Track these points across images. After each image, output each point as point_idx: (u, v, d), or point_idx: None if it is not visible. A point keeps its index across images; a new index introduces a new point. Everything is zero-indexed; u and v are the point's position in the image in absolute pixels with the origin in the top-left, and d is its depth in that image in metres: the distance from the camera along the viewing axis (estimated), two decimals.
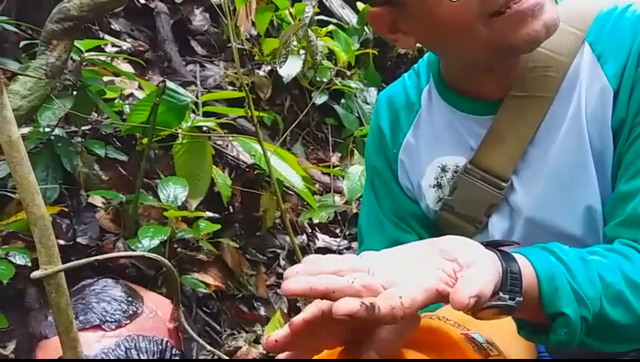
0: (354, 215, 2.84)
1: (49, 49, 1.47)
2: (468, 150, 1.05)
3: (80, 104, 1.92)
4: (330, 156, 3.25)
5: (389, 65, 3.71)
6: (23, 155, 0.80)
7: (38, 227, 0.84)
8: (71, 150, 1.87)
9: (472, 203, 1.04)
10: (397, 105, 1.14)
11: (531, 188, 1.00)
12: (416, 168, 1.11)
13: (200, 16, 3.39)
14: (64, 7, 1.46)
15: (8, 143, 0.79)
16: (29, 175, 0.81)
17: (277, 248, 2.55)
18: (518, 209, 1.01)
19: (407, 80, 1.17)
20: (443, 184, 1.08)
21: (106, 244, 1.85)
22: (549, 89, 0.98)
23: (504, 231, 1.03)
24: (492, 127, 1.02)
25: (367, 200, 1.21)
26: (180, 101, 1.92)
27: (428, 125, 1.10)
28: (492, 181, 1.02)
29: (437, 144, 1.09)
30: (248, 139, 2.30)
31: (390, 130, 1.14)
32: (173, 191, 1.96)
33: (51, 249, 0.85)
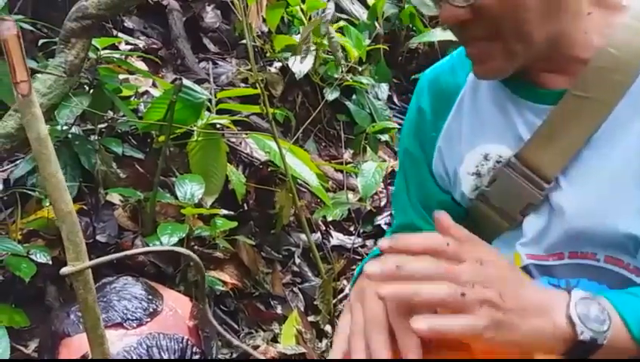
0: (368, 212, 2.84)
1: (68, 47, 1.47)
2: (516, 140, 0.99)
3: (97, 102, 1.92)
4: (343, 153, 3.24)
5: (400, 60, 3.71)
6: (51, 152, 0.80)
7: (66, 224, 0.84)
8: (89, 148, 1.88)
9: (510, 198, 0.99)
10: (442, 85, 1.09)
11: (581, 192, 0.94)
12: (455, 154, 1.06)
13: (211, 13, 3.40)
14: (82, 6, 1.46)
15: (37, 140, 0.79)
16: (57, 172, 0.81)
17: (292, 246, 2.54)
18: (560, 210, 0.95)
19: (457, 58, 1.10)
20: (482, 173, 1.03)
21: (125, 242, 1.85)
22: (614, 93, 0.92)
23: (539, 230, 0.97)
24: (546, 121, 0.96)
25: (397, 181, 1.20)
26: (196, 99, 1.92)
27: (474, 108, 1.05)
28: (534, 180, 0.96)
29: (482, 129, 1.03)
30: (263, 136, 2.30)
31: (432, 112, 1.09)
32: (189, 189, 1.96)
33: (79, 246, 0.85)
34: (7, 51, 0.77)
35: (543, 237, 0.97)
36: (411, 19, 3.45)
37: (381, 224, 2.83)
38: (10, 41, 0.77)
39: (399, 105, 3.65)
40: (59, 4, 2.67)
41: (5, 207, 1.80)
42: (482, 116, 1.03)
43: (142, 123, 2.00)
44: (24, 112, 0.80)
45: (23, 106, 0.80)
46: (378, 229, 2.82)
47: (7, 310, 1.56)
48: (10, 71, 0.78)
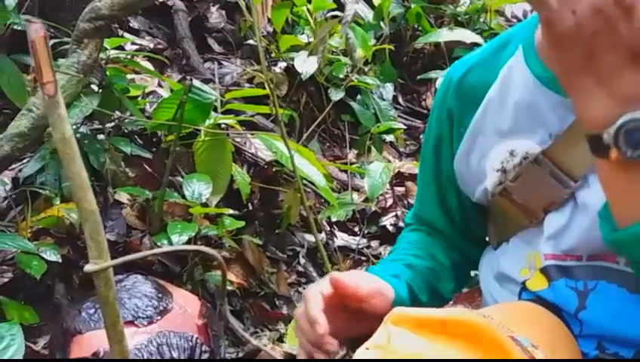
0: (373, 213, 2.85)
1: (80, 47, 1.48)
2: (545, 137, 0.98)
3: (105, 102, 1.93)
4: (347, 153, 3.25)
5: (406, 60, 3.71)
6: (75, 152, 0.82)
7: (89, 222, 0.85)
8: (98, 147, 1.89)
9: (533, 195, 0.98)
10: (471, 80, 1.07)
11: None
12: (481, 149, 1.05)
13: (216, 13, 3.41)
14: (96, 7, 1.47)
15: (62, 140, 0.80)
16: (81, 171, 0.82)
17: (296, 246, 2.55)
18: (585, 208, 0.93)
19: (489, 50, 1.08)
20: (508, 169, 1.01)
21: (133, 241, 1.87)
22: None
23: (560, 226, 0.96)
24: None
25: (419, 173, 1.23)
26: (205, 99, 1.93)
27: (504, 103, 1.02)
28: (561, 178, 0.95)
29: (510, 125, 1.01)
30: (269, 136, 2.31)
31: (459, 108, 1.08)
32: (197, 188, 1.97)
33: (101, 244, 0.86)
34: (34, 52, 0.78)
35: (562, 235, 0.96)
36: (417, 19, 3.45)
37: (386, 225, 2.83)
38: (38, 43, 0.78)
39: (404, 105, 3.66)
40: (66, 5, 2.68)
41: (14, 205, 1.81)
42: (512, 111, 1.01)
43: (151, 123, 2.01)
44: (50, 113, 0.81)
45: (49, 107, 0.81)
46: (383, 230, 2.82)
47: (17, 307, 1.57)
48: (37, 72, 0.79)
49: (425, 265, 1.17)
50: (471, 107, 1.06)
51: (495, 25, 3.51)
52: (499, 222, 1.07)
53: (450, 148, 1.12)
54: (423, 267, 1.16)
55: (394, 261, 1.17)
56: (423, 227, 1.25)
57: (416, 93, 3.66)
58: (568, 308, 0.91)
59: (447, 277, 1.18)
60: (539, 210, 0.98)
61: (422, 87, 3.63)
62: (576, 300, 0.94)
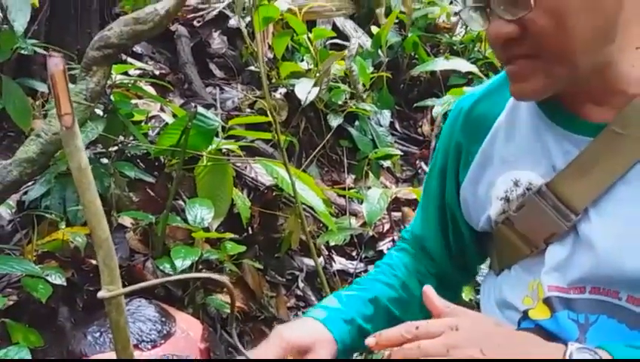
0: (370, 238, 2.88)
1: (89, 75, 1.52)
2: (549, 169, 1.00)
3: (110, 127, 1.97)
4: (345, 178, 3.28)
5: (403, 87, 3.77)
6: (90, 181, 0.85)
7: (102, 249, 0.88)
8: (102, 172, 1.92)
9: (535, 226, 1.01)
10: (478, 112, 1.11)
11: (611, 225, 0.94)
12: (487, 178, 1.08)
13: (218, 39, 3.46)
14: (105, 35, 1.51)
15: (78, 170, 0.83)
16: (96, 199, 0.86)
17: (295, 270, 2.58)
18: (588, 242, 0.95)
19: (496, 83, 1.12)
20: (511, 199, 1.04)
21: (136, 265, 1.89)
22: None
23: (561, 259, 0.98)
24: (583, 153, 0.97)
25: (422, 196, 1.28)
26: (209, 125, 1.97)
27: (510, 135, 1.06)
28: (563, 210, 0.97)
29: (516, 156, 1.04)
30: (270, 161, 2.34)
31: (467, 139, 1.12)
32: (199, 213, 2.00)
33: (114, 270, 0.89)
34: (53, 85, 0.82)
35: (565, 267, 0.97)
36: (414, 48, 3.52)
37: (383, 250, 2.86)
38: (57, 76, 0.81)
39: (401, 131, 3.71)
40: (71, 29, 2.73)
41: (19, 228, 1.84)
42: (518, 142, 1.04)
43: (155, 148, 2.04)
44: (67, 144, 0.84)
45: (66, 138, 0.84)
46: (380, 255, 2.85)
47: (22, 329, 1.59)
48: (56, 104, 0.82)
49: (392, 297, 1.21)
50: (479, 137, 1.09)
51: (490, 54, 3.57)
52: (501, 250, 1.10)
53: (454, 178, 1.15)
54: (389, 300, 1.21)
55: (360, 291, 1.21)
56: (415, 248, 1.28)
57: (413, 119, 3.71)
58: (568, 340, 0.93)
59: (415, 309, 1.20)
60: (540, 240, 1.00)
61: (418, 114, 3.68)
62: (577, 332, 0.95)
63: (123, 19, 1.51)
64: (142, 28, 1.49)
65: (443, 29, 3.85)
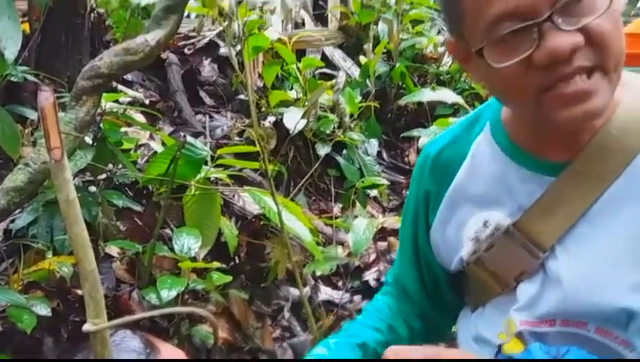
0: (356, 268, 2.88)
1: (79, 104, 1.53)
2: (515, 209, 1.01)
3: (99, 155, 1.97)
4: (332, 207, 3.29)
5: (390, 117, 3.80)
6: (78, 214, 0.85)
7: (89, 281, 0.88)
8: (90, 200, 1.92)
9: (505, 264, 1.02)
10: (445, 157, 1.12)
11: (576, 262, 0.95)
12: (457, 220, 1.09)
13: (208, 67, 3.49)
14: (95, 65, 1.52)
15: (66, 202, 0.84)
16: (83, 232, 0.86)
17: (281, 300, 2.57)
18: (557, 279, 0.97)
19: (460, 128, 1.13)
20: (481, 239, 1.05)
21: (122, 295, 1.88)
22: (612, 172, 0.94)
23: (530, 297, 0.99)
24: (547, 193, 0.98)
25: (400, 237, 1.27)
26: (198, 155, 1.98)
27: (476, 176, 1.07)
28: (531, 248, 0.99)
29: (483, 196, 1.05)
30: (257, 191, 2.35)
31: (436, 185, 1.13)
32: (186, 243, 2.00)
33: (99, 303, 0.89)
34: (43, 118, 0.82)
35: (535, 303, 0.99)
36: (402, 78, 3.55)
37: (369, 280, 2.86)
38: (47, 110, 0.82)
39: (388, 160, 3.73)
40: (61, 56, 2.75)
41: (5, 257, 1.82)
42: (484, 184, 1.06)
43: (144, 177, 2.05)
44: (56, 176, 0.85)
45: (55, 171, 0.85)
46: (365, 285, 2.85)
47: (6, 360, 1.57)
48: (45, 137, 0.83)
49: (380, 340, 1.21)
50: (446, 181, 1.11)
51: (476, 84, 3.61)
52: (474, 289, 1.11)
53: (424, 222, 1.17)
54: (377, 343, 1.21)
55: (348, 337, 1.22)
56: (397, 290, 1.30)
57: (400, 149, 3.74)
58: None
59: None
60: (510, 278, 1.01)
61: (405, 143, 3.70)
62: None
63: (113, 50, 1.52)
64: (132, 58, 1.50)
65: (430, 60, 3.90)
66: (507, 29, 0.86)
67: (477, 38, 0.89)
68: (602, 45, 0.86)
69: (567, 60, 0.85)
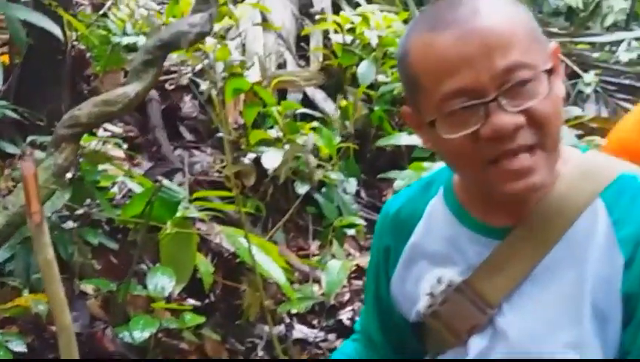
0: (331, 307, 2.91)
1: (58, 151, 1.57)
2: (466, 268, 1.08)
3: (77, 194, 2.01)
4: (310, 244, 3.33)
5: (369, 157, 3.86)
6: (56, 274, 0.90)
7: (64, 336, 0.93)
8: (66, 238, 1.95)
9: (458, 319, 1.09)
10: (403, 215, 1.18)
11: (521, 319, 1.03)
12: (414, 275, 1.15)
13: (189, 103, 3.53)
14: (75, 115, 1.57)
15: (45, 262, 0.89)
16: (60, 292, 0.91)
17: (255, 338, 2.59)
18: (503, 333, 1.04)
19: (417, 190, 1.21)
20: (435, 294, 1.11)
21: (96, 332, 1.90)
22: (552, 237, 1.02)
23: (481, 349, 1.06)
24: (493, 255, 1.06)
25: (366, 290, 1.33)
26: (173, 197, 2.02)
27: (431, 236, 1.13)
28: (480, 305, 1.06)
29: (438, 254, 1.12)
30: (234, 231, 2.38)
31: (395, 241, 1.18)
32: (160, 282, 2.03)
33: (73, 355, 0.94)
34: (25, 186, 0.87)
35: (486, 356, 1.06)
36: (380, 121, 3.63)
37: (343, 319, 2.90)
38: (29, 179, 0.87)
39: (366, 199, 3.77)
40: (41, 90, 2.77)
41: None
42: (437, 243, 1.13)
43: (119, 218, 2.08)
44: (36, 238, 0.89)
45: (35, 234, 0.89)
46: (340, 324, 2.89)
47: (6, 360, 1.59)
48: (26, 203, 0.88)
49: None
50: (404, 238, 1.18)
51: None
52: (431, 340, 1.18)
53: (385, 275, 1.22)
54: None
55: None
56: (364, 338, 1.35)
57: (378, 188, 3.79)
58: None
59: None
60: (463, 332, 1.09)
61: (383, 183, 3.75)
62: None
63: (93, 101, 1.58)
64: (111, 109, 1.55)
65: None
66: (457, 105, 0.94)
67: (430, 110, 0.98)
68: (543, 126, 0.94)
69: (511, 137, 0.93)
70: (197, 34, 1.87)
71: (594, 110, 4.16)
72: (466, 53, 0.94)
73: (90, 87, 3.10)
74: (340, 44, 3.67)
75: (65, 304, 0.91)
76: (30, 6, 2.46)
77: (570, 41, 4.80)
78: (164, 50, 1.88)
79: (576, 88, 4.27)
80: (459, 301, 1.08)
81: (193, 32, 1.83)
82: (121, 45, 3.16)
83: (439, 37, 0.96)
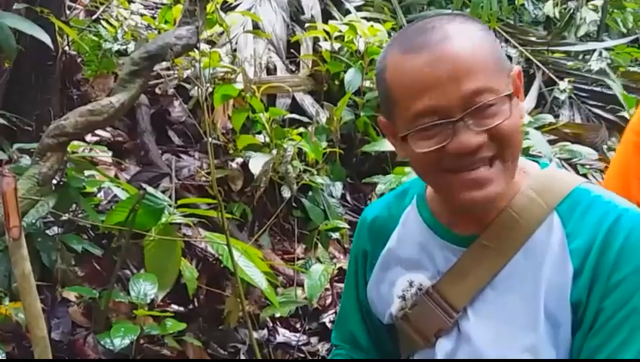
0: (314, 310, 2.95)
1: (43, 160, 1.60)
2: (435, 273, 1.16)
3: (61, 200, 2.03)
4: (296, 247, 3.36)
5: (354, 161, 3.90)
6: (32, 286, 0.93)
7: (39, 347, 0.96)
8: (50, 245, 1.97)
9: (426, 322, 1.16)
10: (379, 222, 1.27)
11: (483, 323, 1.11)
12: (388, 279, 1.23)
13: (178, 108, 3.55)
14: (61, 125, 1.60)
15: (22, 276, 0.92)
16: (36, 302, 0.94)
17: (238, 343, 2.63)
18: (467, 337, 1.12)
19: (393, 198, 1.29)
20: (407, 297, 1.19)
21: (78, 340, 1.93)
22: (512, 246, 1.10)
23: (447, 352, 1.14)
24: (459, 261, 1.14)
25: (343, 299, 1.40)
26: (157, 205, 2.05)
27: (404, 242, 1.22)
28: (446, 309, 1.13)
29: (410, 260, 1.20)
30: (217, 237, 2.41)
31: (372, 245, 1.27)
32: (143, 288, 2.06)
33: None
34: (4, 201, 0.90)
35: (452, 357, 1.13)
36: (365, 127, 3.68)
37: (326, 322, 2.94)
38: (8, 194, 0.90)
39: (352, 203, 3.81)
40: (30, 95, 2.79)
41: None
42: (410, 249, 1.21)
43: (103, 226, 2.11)
44: (14, 252, 0.93)
45: (13, 248, 0.93)
46: (323, 326, 2.93)
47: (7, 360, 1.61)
48: (5, 218, 0.91)
49: None
50: (380, 243, 1.26)
51: None
52: (403, 341, 1.25)
53: (363, 279, 1.30)
54: None
55: None
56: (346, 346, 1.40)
57: (363, 192, 3.83)
58: None
59: None
60: (431, 334, 1.16)
61: (368, 187, 3.79)
62: None
63: (79, 110, 1.61)
64: (96, 119, 1.58)
65: None
66: (428, 123, 1.03)
67: (403, 125, 1.07)
68: (503, 141, 1.04)
69: (474, 152, 1.03)
70: (183, 46, 1.91)
71: (567, 116, 4.28)
72: (436, 76, 1.02)
73: (81, 91, 3.13)
74: (328, 52, 3.71)
75: (40, 316, 0.94)
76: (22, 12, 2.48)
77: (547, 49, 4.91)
78: (151, 61, 1.91)
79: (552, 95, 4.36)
80: (427, 305, 1.16)
81: (180, 45, 1.87)
82: (112, 50, 3.18)
83: (413, 60, 1.04)
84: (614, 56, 4.82)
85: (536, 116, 3.51)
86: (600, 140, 3.89)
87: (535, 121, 3.38)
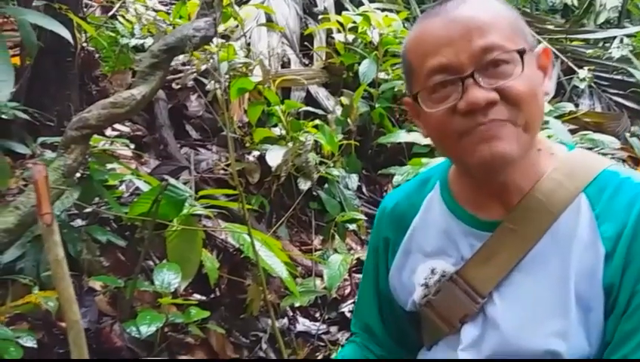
0: (333, 299, 2.99)
1: (67, 152, 1.64)
2: (459, 259, 1.17)
3: (85, 193, 2.08)
4: (313, 239, 3.39)
5: (370, 153, 3.93)
6: (65, 272, 0.96)
7: (73, 330, 0.99)
8: (75, 236, 2.02)
9: (451, 308, 1.16)
10: (400, 209, 1.28)
11: (510, 308, 1.10)
12: (410, 266, 1.24)
13: (195, 102, 3.60)
14: (84, 117, 1.64)
15: (55, 261, 0.95)
16: (69, 287, 0.97)
17: (259, 331, 2.66)
18: (494, 322, 1.11)
19: (414, 185, 1.30)
20: (430, 284, 1.20)
21: (104, 328, 1.98)
22: (538, 230, 1.09)
23: (474, 338, 1.13)
24: (484, 246, 1.13)
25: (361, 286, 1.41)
26: (180, 196, 2.09)
27: (427, 229, 1.22)
28: (472, 294, 1.13)
29: (432, 247, 1.21)
30: (238, 227, 2.45)
31: (394, 233, 1.27)
32: (167, 278, 2.10)
33: (82, 348, 1.00)
34: (36, 189, 0.94)
35: (478, 344, 1.13)
36: (381, 119, 3.69)
37: (345, 311, 2.97)
38: (40, 182, 0.94)
39: (367, 195, 3.84)
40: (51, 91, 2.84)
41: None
42: (432, 236, 1.21)
43: (127, 217, 2.15)
44: (46, 239, 0.96)
45: (46, 234, 0.96)
46: (342, 316, 2.96)
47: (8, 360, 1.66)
48: (37, 205, 0.95)
49: None
50: (402, 231, 1.26)
51: None
52: (426, 329, 1.25)
53: (385, 267, 1.31)
54: None
55: None
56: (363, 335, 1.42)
57: (379, 184, 3.86)
58: None
59: None
60: (456, 320, 1.16)
61: (384, 178, 3.82)
62: None
63: (101, 103, 1.64)
64: (119, 111, 1.62)
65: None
66: (438, 80, 1.06)
67: (417, 86, 1.10)
68: (515, 104, 1.04)
69: (484, 112, 1.03)
70: (202, 38, 1.94)
71: (587, 105, 4.25)
72: (448, 34, 1.05)
73: (99, 87, 3.17)
74: (342, 44, 3.73)
75: (74, 301, 0.98)
76: (41, 9, 2.53)
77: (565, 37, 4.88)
78: (170, 53, 1.95)
79: (571, 83, 4.33)
80: (452, 291, 1.16)
81: (198, 36, 1.90)
82: (129, 46, 3.23)
83: (428, 23, 1.09)
84: (636, 43, 4.76)
85: (556, 105, 3.49)
86: (622, 129, 3.86)
87: (555, 110, 3.38)
